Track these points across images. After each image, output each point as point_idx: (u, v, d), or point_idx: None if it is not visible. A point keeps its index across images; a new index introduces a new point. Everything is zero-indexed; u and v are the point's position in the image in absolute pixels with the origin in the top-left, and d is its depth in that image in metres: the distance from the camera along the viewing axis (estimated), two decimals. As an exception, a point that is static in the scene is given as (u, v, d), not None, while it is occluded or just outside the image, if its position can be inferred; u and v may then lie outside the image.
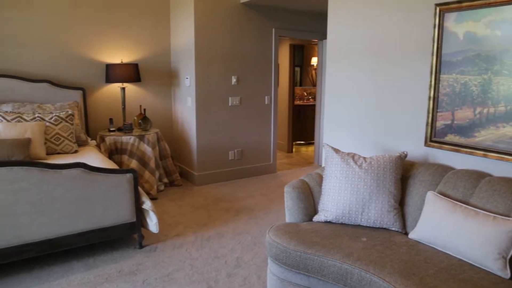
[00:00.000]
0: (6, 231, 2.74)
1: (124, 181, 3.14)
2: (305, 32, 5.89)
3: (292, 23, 5.72)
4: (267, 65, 5.58)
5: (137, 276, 2.90)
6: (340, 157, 2.60)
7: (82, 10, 4.83)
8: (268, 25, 5.48)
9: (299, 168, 6.25)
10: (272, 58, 5.60)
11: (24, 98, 4.44)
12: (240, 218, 4.06)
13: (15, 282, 2.81)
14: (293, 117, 7.58)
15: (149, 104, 5.47)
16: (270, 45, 5.56)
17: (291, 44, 7.41)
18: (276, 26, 5.56)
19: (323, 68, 6.22)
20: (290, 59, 7.44)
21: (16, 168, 2.71)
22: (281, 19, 5.59)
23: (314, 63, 8.67)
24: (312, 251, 2.17)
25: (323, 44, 6.16)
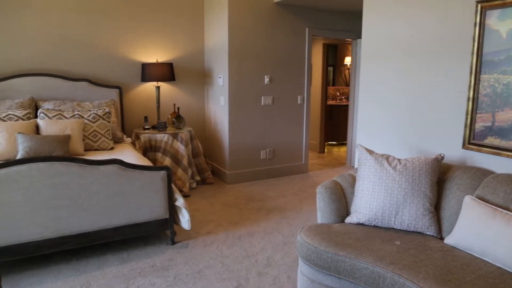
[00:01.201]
0: (47, 223, 2.86)
1: (158, 178, 3.20)
2: (339, 31, 5.83)
3: (325, 22, 5.66)
4: (300, 64, 5.56)
5: (169, 272, 2.96)
6: (374, 158, 2.56)
7: (119, 11, 4.96)
8: (302, 24, 5.46)
9: (331, 169, 6.18)
10: (305, 57, 5.57)
11: (64, 96, 4.61)
12: (271, 217, 4.07)
13: (54, 273, 2.93)
14: (326, 117, 7.51)
15: (182, 103, 5.55)
16: (304, 45, 5.53)
17: (325, 43, 7.35)
18: (310, 25, 5.52)
19: (357, 68, 6.13)
20: (323, 59, 7.38)
21: (57, 163, 2.82)
22: (315, 19, 5.55)
23: (347, 62, 8.56)
24: (343, 253, 2.15)
25: (357, 44, 6.07)
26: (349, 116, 6.45)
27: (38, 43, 4.60)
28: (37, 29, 4.57)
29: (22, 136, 3.62)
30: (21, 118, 4.00)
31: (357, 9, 5.49)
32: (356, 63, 6.16)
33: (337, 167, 6.34)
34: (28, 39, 4.55)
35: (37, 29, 4.57)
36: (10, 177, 2.70)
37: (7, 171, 2.69)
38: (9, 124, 3.78)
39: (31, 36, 4.56)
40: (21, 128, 3.78)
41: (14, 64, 4.52)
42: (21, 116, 4.01)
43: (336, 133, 7.93)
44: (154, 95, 5.33)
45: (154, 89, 5.32)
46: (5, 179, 2.69)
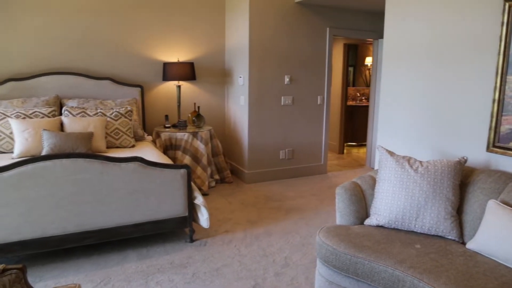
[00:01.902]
0: (70, 218, 2.92)
1: (178, 176, 3.24)
2: (360, 31, 5.77)
3: (347, 22, 5.62)
4: (321, 64, 5.53)
5: (187, 269, 2.99)
6: (395, 160, 2.53)
7: (142, 11, 5.03)
8: (323, 24, 5.43)
9: (350, 170, 6.14)
10: (325, 57, 5.54)
11: (88, 94, 4.70)
12: (290, 217, 4.06)
13: (76, 267, 2.99)
14: (345, 117, 7.46)
15: (203, 102, 5.60)
16: (324, 45, 5.50)
17: (345, 43, 7.29)
18: (331, 25, 5.49)
19: (378, 68, 6.06)
20: (344, 59, 7.32)
21: (80, 160, 2.89)
22: (336, 18, 5.52)
23: (368, 63, 8.48)
24: (362, 255, 2.14)
25: (379, 44, 6.01)
26: (369, 117, 6.38)
27: (63, 43, 4.70)
28: (62, 29, 4.68)
29: (47, 133, 3.71)
30: (46, 116, 4.10)
31: (379, 8, 5.43)
32: (377, 64, 6.09)
33: (356, 168, 6.28)
34: (54, 39, 4.66)
35: (62, 29, 4.68)
36: (36, 173, 2.77)
37: (33, 167, 2.77)
38: (35, 121, 3.88)
39: (57, 36, 4.67)
40: (46, 125, 3.88)
41: (40, 63, 4.64)
42: (47, 114, 4.11)
43: (355, 134, 7.86)
44: (175, 94, 5.39)
45: (175, 88, 5.38)
46: (31, 174, 2.76)
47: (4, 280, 1.72)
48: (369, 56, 8.45)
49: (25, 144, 3.73)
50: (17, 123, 3.81)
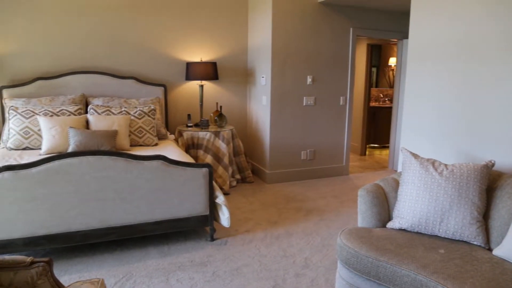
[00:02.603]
0: (94, 214, 2.99)
1: (200, 175, 3.27)
2: (384, 31, 5.70)
3: (370, 22, 5.56)
4: (344, 65, 5.48)
5: (208, 267, 3.01)
6: (419, 162, 2.49)
7: (166, 11, 5.10)
8: (346, 24, 5.38)
9: (372, 172, 6.07)
10: (348, 58, 5.50)
11: (112, 93, 4.79)
12: (310, 218, 4.05)
13: (99, 262, 3.05)
14: (368, 119, 7.37)
15: (225, 102, 5.62)
16: (347, 45, 5.45)
17: (369, 43, 7.21)
18: (354, 25, 5.44)
19: (402, 69, 5.97)
20: (367, 59, 7.24)
21: (105, 157, 2.94)
22: (359, 18, 5.46)
23: (392, 63, 8.35)
24: (384, 259, 2.11)
25: (403, 44, 5.91)
26: (393, 119, 6.29)
27: (89, 43, 4.81)
28: (88, 30, 4.78)
29: (73, 131, 3.80)
30: (72, 114, 4.19)
31: (404, 8, 5.35)
32: (402, 64, 6.00)
33: (378, 170, 6.21)
34: (80, 39, 4.77)
35: (88, 30, 4.78)
36: (62, 169, 2.84)
37: (60, 163, 2.84)
38: (62, 119, 3.97)
39: (83, 36, 4.77)
40: (73, 123, 3.97)
41: (67, 62, 4.75)
42: (73, 112, 4.21)
43: (378, 136, 7.76)
44: (198, 93, 5.44)
45: (197, 88, 5.42)
46: (58, 170, 2.83)
47: (32, 272, 1.78)
48: (393, 56, 8.33)
49: (52, 141, 3.83)
50: (45, 120, 3.92)
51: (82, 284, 1.80)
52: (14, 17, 4.50)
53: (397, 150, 6.19)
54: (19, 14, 4.51)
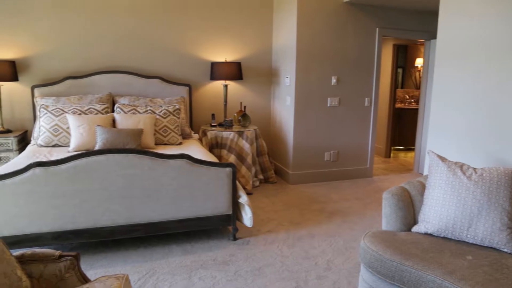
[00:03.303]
0: (120, 211, 3.05)
1: (224, 175, 3.29)
2: (411, 31, 5.60)
3: (397, 22, 5.47)
4: (369, 65, 5.42)
5: (230, 267, 3.02)
6: (447, 166, 2.43)
7: (191, 12, 5.15)
8: (372, 24, 5.32)
9: (397, 175, 5.97)
10: (374, 58, 5.42)
11: (138, 92, 4.87)
12: (333, 220, 4.01)
13: (124, 258, 3.11)
14: (393, 120, 7.26)
15: (249, 102, 5.64)
16: (373, 45, 5.38)
17: (395, 44, 7.09)
18: (380, 25, 5.37)
19: (429, 70, 5.85)
20: (393, 60, 7.13)
21: (130, 155, 3.00)
22: (386, 18, 5.38)
23: (418, 64, 8.20)
24: (409, 263, 2.07)
25: (431, 44, 5.80)
26: (419, 121, 6.18)
27: (116, 43, 4.91)
28: (115, 30, 4.88)
29: (100, 129, 3.88)
30: (100, 112, 4.29)
31: (432, 7, 5.24)
32: (429, 65, 5.88)
33: (403, 173, 6.10)
34: (107, 39, 4.87)
35: (115, 30, 4.88)
36: (90, 166, 2.91)
37: (87, 160, 2.90)
38: (89, 117, 4.07)
39: (110, 37, 4.88)
40: (100, 121, 4.05)
41: (95, 62, 4.87)
42: (100, 110, 4.30)
43: (403, 138, 7.63)
44: (222, 93, 5.47)
45: (222, 88, 5.46)
46: (85, 167, 2.90)
47: (60, 266, 1.83)
48: (419, 57, 8.17)
49: (80, 139, 3.92)
50: (74, 118, 4.02)
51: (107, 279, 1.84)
52: (45, 18, 4.63)
53: (423, 153, 6.07)
54: (50, 16, 4.64)
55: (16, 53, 4.61)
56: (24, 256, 1.81)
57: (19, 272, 1.66)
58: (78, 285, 1.84)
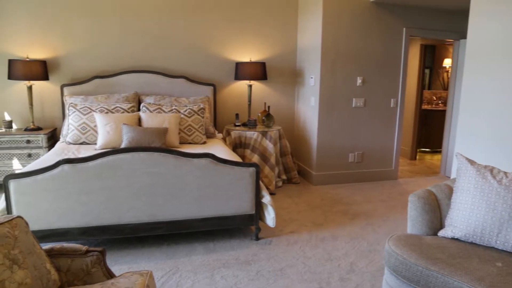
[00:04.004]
0: (144, 208, 3.09)
1: (247, 174, 3.29)
2: (440, 31, 5.47)
3: (425, 22, 5.36)
4: (395, 66, 5.33)
5: (252, 266, 3.03)
6: (476, 169, 2.37)
7: (215, 12, 5.18)
8: (399, 24, 5.22)
9: (423, 177, 5.85)
10: (401, 59, 5.33)
11: (164, 91, 4.94)
12: (357, 222, 3.97)
13: (147, 254, 3.16)
14: (419, 122, 7.12)
15: (273, 102, 5.63)
16: (400, 45, 5.29)
17: (422, 44, 6.96)
18: (407, 25, 5.27)
19: (458, 71, 5.71)
20: (420, 60, 6.99)
21: (155, 154, 3.04)
22: (413, 18, 5.28)
23: (446, 64, 8.02)
24: (435, 268, 2.03)
25: (460, 45, 5.66)
26: (446, 122, 6.04)
27: (142, 43, 4.99)
28: (141, 30, 4.96)
29: (126, 127, 3.95)
30: (126, 111, 4.36)
31: (462, 6, 5.11)
32: (457, 66, 5.74)
33: (429, 176, 5.98)
34: (134, 40, 4.96)
35: (141, 30, 4.96)
36: (116, 164, 2.97)
37: (114, 158, 2.96)
38: (116, 115, 4.14)
39: (137, 37, 4.96)
40: (126, 120, 4.13)
41: (122, 62, 4.96)
42: (126, 109, 4.38)
43: (430, 140, 7.48)
44: (246, 93, 5.48)
45: (246, 87, 5.47)
46: (112, 165, 2.96)
47: (87, 260, 1.87)
48: (448, 57, 7.99)
49: (106, 137, 4.00)
50: (101, 117, 4.10)
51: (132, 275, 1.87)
52: (75, 20, 4.75)
53: (450, 156, 5.93)
54: (80, 18, 4.76)
55: (47, 53, 4.75)
56: (53, 250, 1.86)
57: (48, 265, 1.70)
58: (104, 280, 1.87)
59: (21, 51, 4.67)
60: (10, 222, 1.63)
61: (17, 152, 4.41)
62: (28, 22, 4.64)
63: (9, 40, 4.63)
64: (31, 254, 1.63)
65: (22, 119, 4.82)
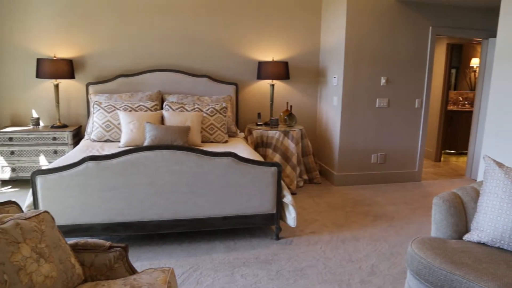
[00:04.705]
0: (166, 206, 3.13)
1: (269, 174, 3.29)
2: (467, 30, 5.33)
3: (452, 20, 5.23)
4: (421, 66, 5.22)
5: (272, 266, 3.02)
6: (504, 172, 2.30)
7: (238, 12, 5.20)
8: (425, 23, 5.12)
9: (447, 180, 5.73)
10: (426, 58, 5.23)
11: (186, 90, 4.98)
12: (378, 224, 3.91)
13: (168, 252, 3.19)
14: (445, 123, 6.96)
15: (295, 101, 5.61)
16: (425, 45, 5.19)
17: (448, 43, 6.80)
18: (434, 24, 5.16)
19: (486, 71, 5.56)
20: (446, 60, 6.83)
21: (178, 152, 3.07)
22: (440, 16, 5.16)
23: (474, 64, 7.82)
24: (460, 273, 1.98)
25: (489, 44, 5.50)
26: (473, 124, 5.89)
27: (165, 43, 5.05)
28: (164, 30, 5.02)
29: (149, 125, 4.00)
30: (149, 109, 4.42)
31: (491, 4, 4.97)
32: (486, 66, 5.59)
33: (454, 178, 5.85)
34: (158, 39, 5.02)
35: (164, 30, 5.02)
36: (139, 161, 3.01)
37: (137, 156, 3.00)
38: (139, 114, 4.20)
39: (159, 36, 5.02)
40: (149, 118, 4.18)
41: (146, 61, 5.03)
42: (150, 107, 4.43)
43: (455, 141, 7.31)
44: (268, 92, 5.48)
45: (268, 87, 5.46)
46: (135, 162, 3.00)
47: (110, 256, 1.90)
48: (475, 57, 7.79)
49: (130, 135, 4.06)
50: (125, 115, 4.17)
51: (153, 271, 1.89)
52: (101, 20, 4.84)
53: (476, 158, 5.78)
54: (105, 18, 4.85)
55: (73, 52, 4.85)
56: (77, 245, 1.90)
57: (73, 260, 1.74)
58: (126, 275, 1.90)
59: (49, 50, 4.79)
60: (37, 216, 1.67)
61: (43, 148, 4.52)
62: (55, 22, 4.75)
63: (37, 39, 4.75)
64: (57, 248, 1.66)
65: (49, 116, 4.94)
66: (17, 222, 1.55)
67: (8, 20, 4.66)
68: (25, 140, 4.48)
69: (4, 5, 4.61)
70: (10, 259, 1.43)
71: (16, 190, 4.62)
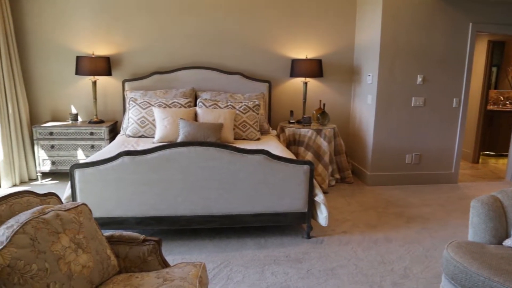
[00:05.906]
0: (198, 201, 3.17)
1: (301, 172, 3.27)
2: (511, 26, 5.10)
3: (494, 16, 5.00)
4: (459, 64, 5.05)
5: (302, 264, 3.01)
6: (549, 176, 2.20)
7: (271, 9, 5.20)
8: (465, 19, 4.93)
9: (485, 182, 5.52)
10: (465, 56, 5.04)
11: (219, 88, 5.02)
12: (412, 226, 3.82)
13: (200, 247, 3.24)
14: (484, 123, 6.71)
15: (328, 99, 5.55)
16: (465, 42, 5.01)
17: (489, 40, 6.53)
18: (474, 20, 4.96)
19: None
20: (487, 58, 6.57)
21: (211, 149, 3.10)
22: (481, 12, 4.95)
23: (517, 63, 7.49)
24: (500, 280, 1.90)
25: (534, 42, 5.25)
26: (515, 125, 5.65)
27: (200, 40, 5.11)
28: (198, 28, 5.08)
29: (183, 122, 4.06)
30: (183, 106, 4.49)
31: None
32: (530, 64, 5.34)
33: (493, 181, 5.63)
34: (191, 37, 5.09)
35: (198, 28, 5.08)
36: (172, 157, 3.06)
37: (171, 152, 3.06)
38: (173, 110, 4.27)
39: (194, 35, 5.09)
40: (183, 115, 4.24)
41: (180, 58, 5.11)
42: (183, 104, 4.50)
43: (494, 143, 7.03)
44: (301, 90, 5.45)
45: (301, 85, 5.43)
46: (168, 158, 3.06)
47: (144, 249, 1.94)
48: (519, 55, 7.46)
49: (164, 131, 4.14)
50: (159, 111, 4.25)
51: (186, 265, 1.92)
52: (137, 18, 4.96)
53: (518, 160, 5.55)
54: (141, 16, 4.96)
55: (111, 50, 4.99)
56: (113, 237, 1.95)
57: (109, 251, 1.79)
58: (159, 268, 1.94)
59: (88, 48, 4.94)
60: (76, 208, 1.73)
61: (81, 143, 4.68)
62: (94, 21, 4.90)
63: (76, 37, 4.91)
64: (94, 240, 1.72)
65: (86, 112, 5.10)
66: (57, 213, 1.61)
67: (50, 20, 4.84)
68: (64, 134, 4.64)
69: (47, 6, 4.79)
70: (51, 248, 1.49)
71: (55, 183, 4.80)
